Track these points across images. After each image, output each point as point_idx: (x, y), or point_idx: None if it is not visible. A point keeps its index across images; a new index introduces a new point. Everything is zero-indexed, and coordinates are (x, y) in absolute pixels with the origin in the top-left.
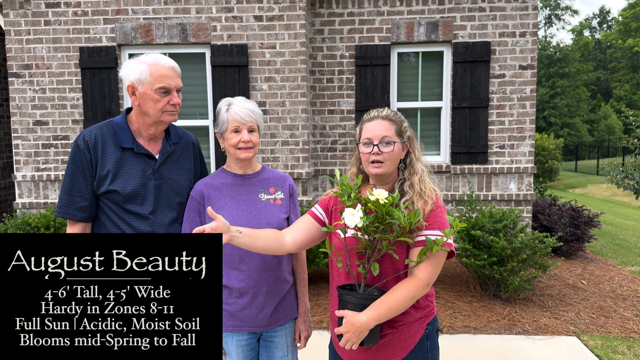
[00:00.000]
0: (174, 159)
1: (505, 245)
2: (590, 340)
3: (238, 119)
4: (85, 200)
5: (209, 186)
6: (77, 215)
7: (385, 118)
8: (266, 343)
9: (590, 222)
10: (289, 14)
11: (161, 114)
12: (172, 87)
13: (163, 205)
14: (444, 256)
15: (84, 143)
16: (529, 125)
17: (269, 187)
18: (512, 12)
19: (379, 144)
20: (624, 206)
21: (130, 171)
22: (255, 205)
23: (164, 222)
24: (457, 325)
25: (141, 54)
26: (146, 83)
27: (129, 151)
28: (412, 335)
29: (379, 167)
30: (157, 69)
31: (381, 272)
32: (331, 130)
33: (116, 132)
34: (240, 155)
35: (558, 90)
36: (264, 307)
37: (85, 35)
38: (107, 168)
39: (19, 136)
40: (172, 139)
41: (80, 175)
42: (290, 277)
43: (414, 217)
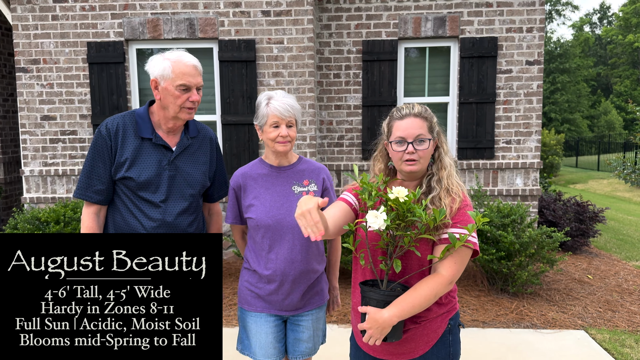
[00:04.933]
0: (190, 152)
1: (513, 240)
2: (598, 334)
3: (278, 114)
4: (102, 184)
5: (246, 176)
6: (93, 197)
7: (418, 115)
8: (293, 326)
9: (595, 217)
10: (296, 9)
11: (179, 109)
12: (193, 84)
13: (175, 195)
14: (469, 254)
15: (106, 130)
16: (535, 121)
17: (302, 180)
18: (519, 7)
19: (413, 142)
20: (625, 201)
21: (146, 160)
22: (287, 197)
23: (174, 211)
24: (465, 319)
25: (167, 49)
26: (168, 79)
27: (147, 141)
28: (435, 330)
29: (413, 165)
30: (179, 67)
31: (405, 268)
32: (338, 126)
33: (137, 123)
34: (279, 148)
35: (558, 86)
36: (290, 294)
37: (93, 30)
38: (125, 155)
39: (27, 131)
40: (190, 133)
41: (100, 160)
42: (319, 266)
43: (439, 215)
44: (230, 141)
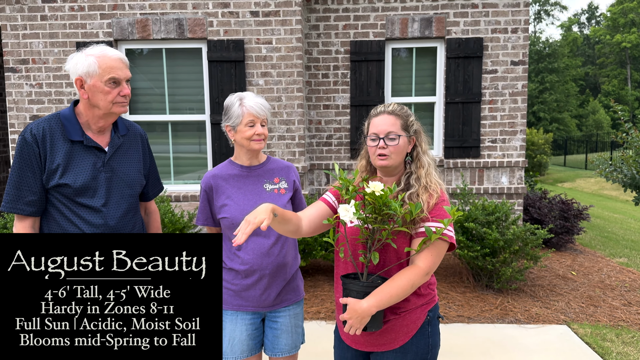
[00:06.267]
0: (123, 151)
1: (497, 237)
2: (580, 329)
3: (254, 113)
4: (34, 195)
5: (217, 177)
6: (25, 209)
7: (391, 113)
8: (271, 323)
9: (579, 215)
10: (285, 10)
11: (112, 105)
12: (122, 77)
13: (115, 197)
14: (445, 247)
15: (32, 136)
16: (520, 120)
17: (273, 177)
18: (504, 8)
19: (384, 138)
20: (611, 200)
21: (80, 164)
22: (260, 195)
23: (117, 214)
24: (451, 314)
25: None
26: (95, 75)
27: (78, 144)
28: (414, 321)
29: (384, 159)
30: (105, 61)
31: (384, 261)
32: (326, 125)
33: (64, 125)
34: (254, 146)
35: (547, 86)
36: (267, 288)
37: (82, 30)
38: (57, 161)
39: (16, 131)
40: (120, 131)
41: (28, 169)
42: (295, 261)
43: (415, 209)
44: (220, 140)
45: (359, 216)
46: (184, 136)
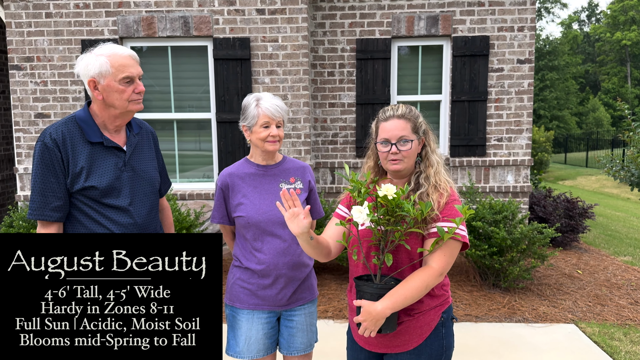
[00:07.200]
0: (139, 150)
1: (505, 235)
2: (588, 328)
3: (269, 115)
4: (59, 200)
5: (233, 176)
6: (52, 215)
7: (401, 117)
8: (286, 322)
9: (584, 214)
10: (290, 8)
11: (128, 103)
12: (135, 75)
13: (139, 196)
14: (458, 247)
15: (52, 141)
16: (526, 119)
17: (289, 177)
18: (511, 6)
19: (396, 143)
20: (613, 198)
21: (103, 165)
22: (276, 195)
23: (143, 212)
24: (458, 313)
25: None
26: (108, 75)
27: (98, 145)
28: (428, 322)
29: (397, 164)
30: (117, 60)
31: (397, 262)
32: (332, 124)
33: (82, 128)
34: (269, 147)
35: (547, 83)
36: (284, 288)
37: (87, 27)
38: (80, 164)
39: (21, 129)
40: (134, 130)
41: (52, 175)
42: (309, 260)
43: (425, 208)
44: (225, 139)
45: (372, 218)
46: (190, 134)
